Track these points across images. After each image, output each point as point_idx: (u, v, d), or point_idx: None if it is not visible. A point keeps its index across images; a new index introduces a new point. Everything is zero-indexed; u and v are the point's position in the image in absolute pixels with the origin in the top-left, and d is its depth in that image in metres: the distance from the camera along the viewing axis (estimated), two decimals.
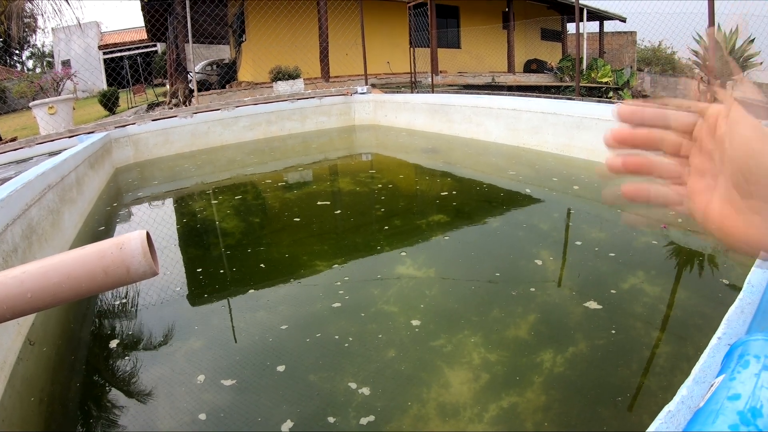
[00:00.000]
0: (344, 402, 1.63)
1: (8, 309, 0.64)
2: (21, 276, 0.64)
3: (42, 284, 0.64)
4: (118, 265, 0.66)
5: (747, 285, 0.89)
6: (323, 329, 2.09)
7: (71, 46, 27.65)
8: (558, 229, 3.30)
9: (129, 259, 0.66)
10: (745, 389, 0.46)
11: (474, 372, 1.74)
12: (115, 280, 0.65)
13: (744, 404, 0.44)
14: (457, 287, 2.47)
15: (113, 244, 0.67)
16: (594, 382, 1.68)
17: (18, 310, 0.65)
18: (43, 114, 8.21)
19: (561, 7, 21.99)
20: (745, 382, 0.47)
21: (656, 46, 28.18)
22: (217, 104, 8.18)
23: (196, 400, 1.69)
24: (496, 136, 6.30)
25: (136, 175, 6.22)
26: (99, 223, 4.01)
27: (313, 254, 3.03)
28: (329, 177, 5.57)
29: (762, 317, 0.74)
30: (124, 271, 0.65)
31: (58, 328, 2.37)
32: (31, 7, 11.91)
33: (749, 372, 0.48)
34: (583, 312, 2.12)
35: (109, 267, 0.65)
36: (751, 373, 0.48)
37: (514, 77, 19.03)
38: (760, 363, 0.49)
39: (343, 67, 13.86)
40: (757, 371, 0.48)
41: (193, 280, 2.78)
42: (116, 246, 0.67)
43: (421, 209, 3.91)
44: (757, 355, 0.50)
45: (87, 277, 0.65)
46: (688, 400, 0.53)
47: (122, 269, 0.66)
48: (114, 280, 0.65)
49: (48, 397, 1.84)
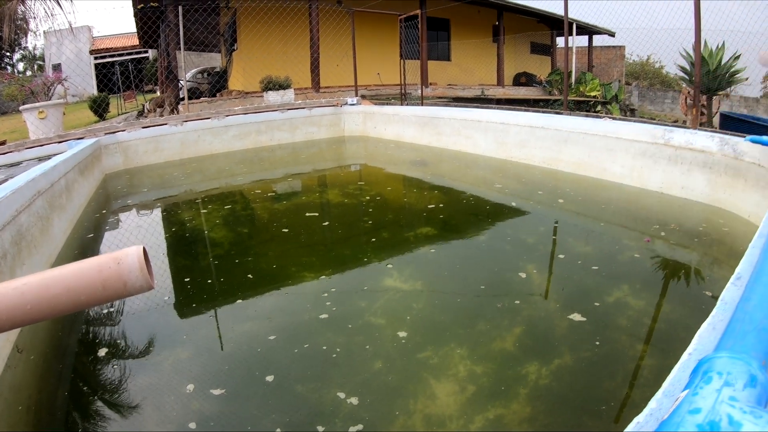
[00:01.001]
0: (332, 412, 1.65)
1: (8, 320, 0.66)
2: (22, 288, 0.66)
3: (42, 296, 0.66)
4: (116, 280, 0.68)
5: (720, 302, 0.93)
6: (311, 340, 2.11)
7: (63, 50, 27.54)
8: (544, 243, 3.34)
9: (126, 273, 0.68)
10: (706, 404, 0.49)
11: (460, 384, 1.76)
12: (113, 293, 0.67)
13: (703, 418, 0.47)
14: (444, 300, 2.49)
15: (111, 259, 0.70)
16: (579, 393, 1.72)
17: (17, 321, 0.67)
18: (33, 118, 8.17)
19: (551, 21, 22.24)
20: (707, 398, 0.50)
21: (644, 61, 28.55)
22: (208, 113, 8.19)
23: (185, 409, 1.70)
24: (484, 149, 6.36)
25: (125, 182, 6.20)
26: (88, 230, 4.00)
27: (301, 265, 3.04)
28: (318, 188, 5.59)
29: (731, 335, 0.77)
30: (121, 285, 0.67)
31: (47, 336, 2.37)
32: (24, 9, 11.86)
33: (711, 388, 0.51)
34: (568, 324, 2.15)
35: (108, 281, 0.67)
36: (713, 389, 0.51)
37: (504, 90, 19.19)
38: (722, 379, 0.52)
39: (334, 78, 13.92)
40: (718, 387, 0.51)
41: (182, 290, 2.79)
42: (114, 261, 0.70)
43: (409, 222, 3.94)
44: (720, 372, 0.54)
45: (86, 290, 0.67)
46: (657, 413, 0.56)
47: (119, 284, 0.68)
48: (111, 294, 0.67)
49: (36, 405, 1.84)
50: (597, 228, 3.62)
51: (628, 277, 2.68)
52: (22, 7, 11.94)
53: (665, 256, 3.02)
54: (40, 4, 11.90)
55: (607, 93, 17.43)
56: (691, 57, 8.53)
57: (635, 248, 3.10)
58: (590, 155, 4.84)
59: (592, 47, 23.50)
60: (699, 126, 5.70)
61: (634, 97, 21.09)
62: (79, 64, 27.00)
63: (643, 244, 3.16)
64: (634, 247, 3.13)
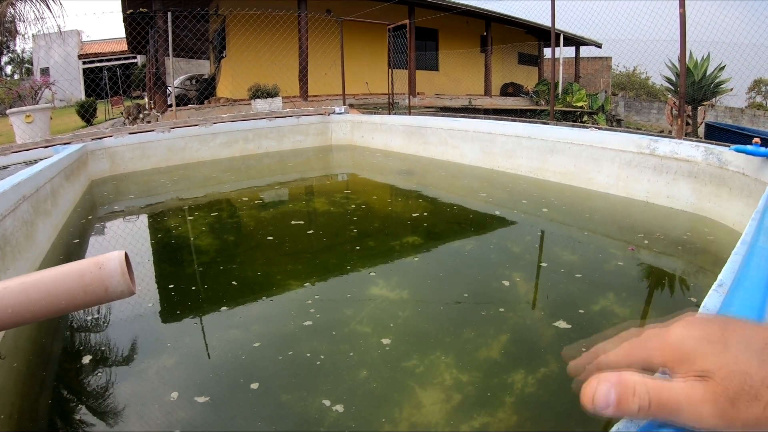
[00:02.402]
0: (318, 420, 1.64)
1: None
2: (2, 291, 0.65)
3: (21, 300, 0.66)
4: (97, 285, 0.67)
5: (703, 308, 0.94)
6: (296, 348, 2.10)
7: (51, 54, 27.37)
8: (529, 251, 3.36)
9: (108, 278, 0.68)
10: None
11: (446, 392, 1.76)
12: (94, 298, 0.67)
13: None
14: (429, 308, 2.49)
15: (92, 264, 0.69)
16: (565, 401, 1.72)
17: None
18: (19, 122, 8.12)
19: (538, 32, 22.46)
20: None
21: (631, 71, 28.89)
22: (195, 120, 8.16)
23: (169, 416, 1.69)
24: (471, 158, 6.38)
25: (111, 188, 6.16)
26: (73, 236, 3.97)
27: (286, 273, 3.03)
28: (304, 197, 5.58)
29: None
30: (102, 290, 0.67)
31: (29, 342, 2.34)
32: (13, 12, 11.80)
33: None
34: (554, 332, 2.16)
35: (89, 286, 0.67)
36: None
37: (491, 100, 19.32)
38: None
39: (322, 87, 13.96)
40: None
41: (166, 297, 2.77)
42: (95, 265, 0.69)
43: (395, 230, 3.94)
44: None
45: (66, 295, 0.66)
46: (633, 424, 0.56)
47: (101, 289, 0.67)
48: (92, 299, 0.67)
49: (18, 413, 1.81)
50: (582, 237, 3.64)
51: (613, 285, 2.70)
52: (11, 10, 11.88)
53: (651, 264, 3.04)
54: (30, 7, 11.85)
55: (594, 103, 17.61)
56: (677, 68, 8.66)
57: (621, 257, 3.12)
58: (576, 165, 4.87)
59: (579, 58, 23.77)
60: (684, 136, 5.77)
61: (621, 107, 21.32)
62: (67, 69, 26.85)
63: (629, 253, 3.18)
64: (620, 255, 3.15)
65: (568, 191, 4.78)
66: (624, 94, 24.62)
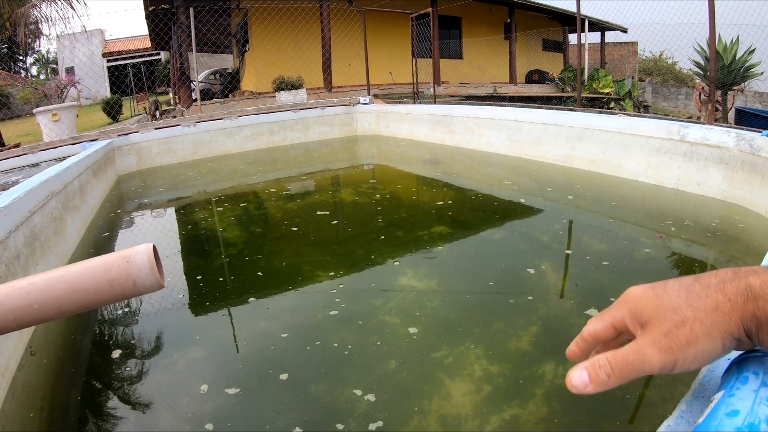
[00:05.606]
0: (349, 410, 1.63)
1: (14, 320, 0.65)
2: (27, 287, 0.64)
3: (47, 296, 0.65)
4: (125, 279, 0.66)
5: None
6: (324, 338, 2.09)
7: (75, 54, 27.84)
8: (558, 240, 3.30)
9: (136, 272, 0.67)
10: (744, 406, 0.46)
11: (476, 384, 1.74)
12: (121, 293, 0.66)
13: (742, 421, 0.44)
14: (458, 298, 2.47)
15: (120, 257, 0.68)
16: (597, 393, 1.68)
17: (24, 321, 0.65)
18: (46, 121, 8.25)
19: (562, 17, 22.11)
20: (744, 399, 0.47)
21: (657, 56, 28.32)
22: (220, 113, 8.21)
23: (200, 408, 1.69)
24: (497, 147, 6.31)
25: (138, 183, 6.24)
26: (102, 230, 4.02)
27: (312, 264, 3.03)
28: (330, 187, 5.58)
29: None
30: (130, 284, 0.66)
31: (59, 337, 2.37)
32: (37, 13, 11.99)
33: (748, 388, 0.49)
34: (585, 322, 2.12)
35: (115, 280, 0.66)
36: (750, 390, 0.48)
37: (516, 88, 19.13)
38: (758, 379, 0.50)
39: (346, 78, 13.94)
40: (756, 387, 0.48)
41: (195, 289, 2.79)
42: (123, 259, 0.68)
43: (421, 220, 3.92)
44: (756, 372, 0.51)
45: (93, 290, 0.65)
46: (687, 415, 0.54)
47: (128, 282, 0.66)
48: (119, 293, 0.66)
49: (48, 406, 1.84)
50: (611, 225, 3.57)
51: (642, 273, 2.65)
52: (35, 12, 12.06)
53: (681, 253, 2.97)
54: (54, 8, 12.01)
55: (621, 89, 17.30)
56: (705, 52, 8.42)
57: (651, 245, 3.05)
58: (605, 152, 4.78)
59: (605, 43, 23.36)
60: (714, 122, 5.63)
61: (648, 93, 20.94)
62: (92, 67, 27.28)
63: (658, 241, 3.11)
64: (650, 243, 3.09)
65: (597, 179, 4.70)
66: (651, 79, 24.16)
